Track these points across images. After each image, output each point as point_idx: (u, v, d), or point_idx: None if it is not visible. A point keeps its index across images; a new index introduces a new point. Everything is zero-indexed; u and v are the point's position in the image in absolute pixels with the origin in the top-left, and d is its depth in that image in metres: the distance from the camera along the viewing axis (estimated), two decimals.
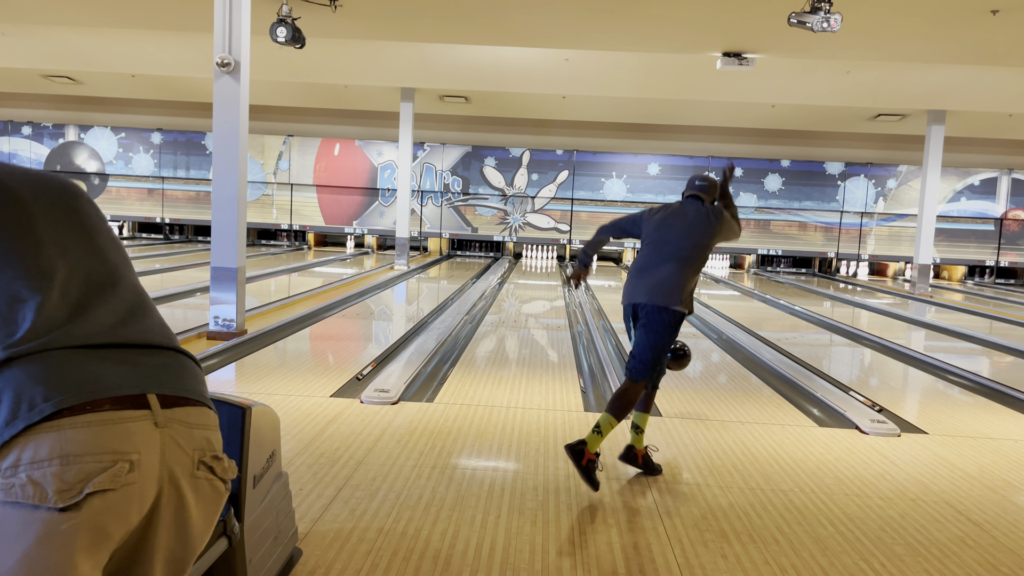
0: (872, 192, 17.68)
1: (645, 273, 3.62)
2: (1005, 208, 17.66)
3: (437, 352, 6.40)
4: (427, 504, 3.18)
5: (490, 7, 9.08)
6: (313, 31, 9.71)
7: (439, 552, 2.75)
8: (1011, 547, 3.05)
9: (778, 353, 7.03)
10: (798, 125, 16.85)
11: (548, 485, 3.47)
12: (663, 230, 3.66)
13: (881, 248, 17.89)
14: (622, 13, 8.95)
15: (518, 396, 5.08)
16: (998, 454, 4.32)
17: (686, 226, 3.62)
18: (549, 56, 11.58)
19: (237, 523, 2.02)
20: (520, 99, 15.39)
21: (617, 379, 5.58)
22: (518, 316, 9.32)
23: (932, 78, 11.81)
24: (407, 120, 14.67)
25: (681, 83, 12.88)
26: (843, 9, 7.70)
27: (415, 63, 12.60)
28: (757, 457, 4.03)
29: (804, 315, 10.36)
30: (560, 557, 2.77)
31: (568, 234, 17.96)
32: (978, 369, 7.01)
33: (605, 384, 5.60)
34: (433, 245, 18.74)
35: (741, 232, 3.79)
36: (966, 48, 9.72)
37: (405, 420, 4.38)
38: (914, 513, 3.36)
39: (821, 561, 2.83)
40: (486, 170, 17.91)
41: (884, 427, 4.63)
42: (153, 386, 1.27)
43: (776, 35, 9.29)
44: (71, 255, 1.32)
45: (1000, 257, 17.76)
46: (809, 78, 12.16)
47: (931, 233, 14.53)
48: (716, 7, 8.56)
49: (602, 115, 16.80)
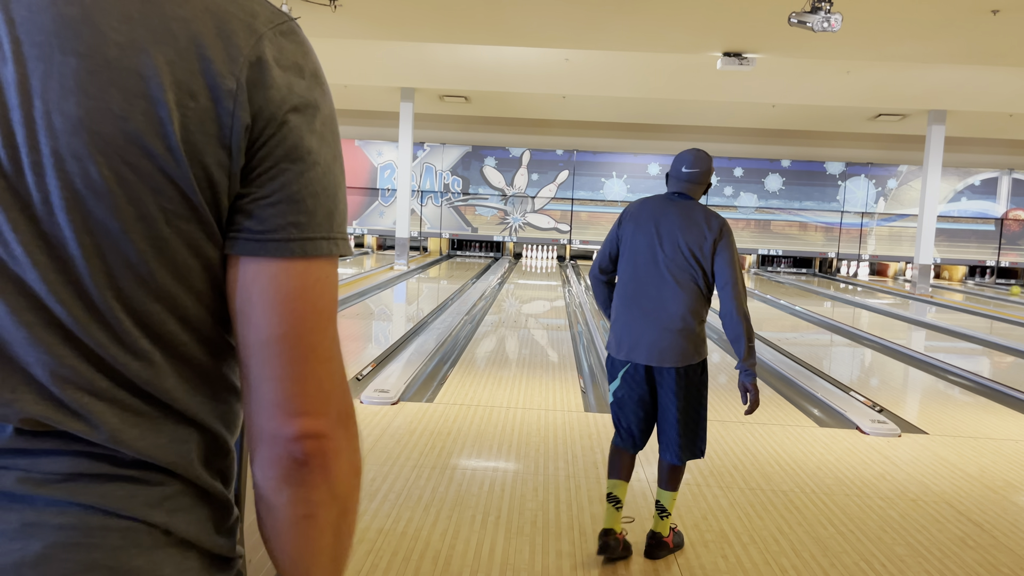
0: (872, 192, 17.68)
1: (637, 306, 2.80)
2: (1006, 208, 17.66)
3: (437, 352, 6.39)
4: (427, 504, 3.18)
5: (490, 7, 9.07)
6: (313, 31, 9.71)
7: (439, 552, 2.75)
8: (1011, 547, 3.05)
9: (778, 353, 7.03)
10: (798, 125, 16.85)
11: (548, 485, 3.47)
12: (637, 238, 2.83)
13: (881, 248, 17.89)
14: (622, 13, 8.94)
15: (518, 396, 5.08)
16: (998, 454, 4.32)
17: (678, 230, 2.77)
18: (549, 56, 11.58)
19: None
20: (520, 99, 15.38)
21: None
22: (518, 316, 9.32)
23: (932, 78, 11.80)
24: (407, 120, 14.67)
25: (681, 83, 12.88)
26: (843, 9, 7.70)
27: (415, 63, 12.60)
28: (757, 457, 4.03)
29: (804, 315, 10.36)
30: (560, 558, 2.76)
31: (568, 234, 17.95)
32: (978, 369, 7.00)
33: (605, 384, 5.59)
34: (433, 245, 18.74)
35: (742, 282, 2.80)
36: (966, 48, 9.72)
37: (405, 420, 4.37)
38: (914, 513, 3.36)
39: (822, 562, 2.82)
40: (486, 170, 17.91)
41: (884, 427, 4.62)
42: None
43: (776, 35, 9.28)
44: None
45: (1000, 257, 17.76)
46: (809, 78, 12.15)
47: (931, 233, 14.52)
48: (716, 7, 8.55)
49: (602, 115, 16.79)
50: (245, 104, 0.60)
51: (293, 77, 0.63)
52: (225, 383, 0.69)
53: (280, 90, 0.62)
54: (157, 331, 0.62)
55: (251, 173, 0.62)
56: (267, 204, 0.62)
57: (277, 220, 0.63)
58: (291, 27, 0.65)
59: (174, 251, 0.61)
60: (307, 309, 0.64)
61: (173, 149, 0.59)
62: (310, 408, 0.65)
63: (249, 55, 0.61)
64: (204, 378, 0.66)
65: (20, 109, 0.57)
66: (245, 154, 0.62)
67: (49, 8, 0.58)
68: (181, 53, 0.59)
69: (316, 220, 0.64)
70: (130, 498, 0.61)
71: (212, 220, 0.62)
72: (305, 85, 0.64)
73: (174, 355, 0.64)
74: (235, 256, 0.64)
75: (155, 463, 0.63)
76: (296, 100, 0.63)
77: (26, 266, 0.58)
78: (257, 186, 0.62)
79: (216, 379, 0.68)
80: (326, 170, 0.65)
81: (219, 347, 0.67)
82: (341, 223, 0.67)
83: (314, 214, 0.64)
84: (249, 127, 0.61)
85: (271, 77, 0.62)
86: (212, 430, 0.68)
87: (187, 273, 0.62)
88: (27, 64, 0.57)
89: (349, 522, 0.72)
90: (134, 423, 0.61)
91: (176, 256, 0.61)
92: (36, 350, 0.59)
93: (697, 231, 2.76)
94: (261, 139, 0.62)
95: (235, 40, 0.61)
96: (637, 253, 2.81)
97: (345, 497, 0.69)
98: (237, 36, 0.61)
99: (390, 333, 7.77)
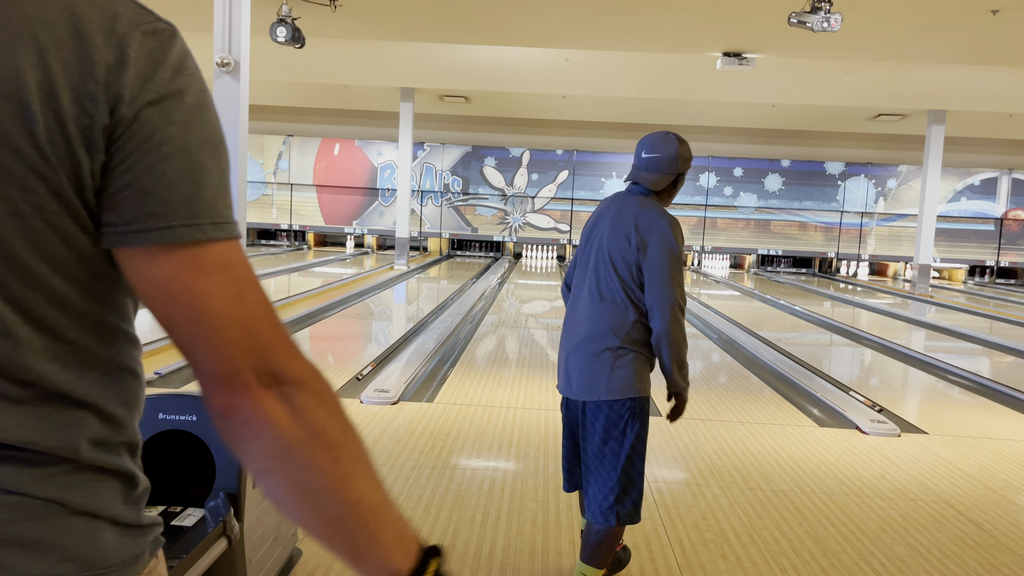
0: (872, 192, 17.69)
1: (566, 325, 2.39)
2: (1005, 208, 17.67)
3: (437, 352, 6.39)
4: (427, 504, 3.18)
5: (490, 7, 9.07)
6: (313, 31, 9.71)
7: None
8: (1011, 547, 3.05)
9: (778, 353, 7.03)
10: (798, 125, 16.85)
11: (548, 485, 3.47)
12: (584, 242, 2.43)
13: (881, 248, 17.90)
14: (622, 13, 8.94)
15: (518, 396, 5.08)
16: (998, 454, 4.32)
17: (606, 232, 2.31)
18: (549, 56, 11.58)
19: (237, 523, 2.02)
20: (520, 99, 15.38)
21: None
22: (518, 316, 9.32)
23: (932, 78, 11.81)
24: (407, 120, 14.67)
25: (681, 83, 12.88)
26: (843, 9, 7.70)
27: (415, 63, 12.60)
28: (757, 457, 4.03)
29: (804, 315, 10.36)
30: (560, 558, 2.76)
31: (568, 234, 17.95)
32: (978, 369, 7.00)
33: None
34: (433, 245, 18.74)
35: (676, 297, 2.19)
36: (966, 48, 9.72)
37: (405, 420, 4.37)
38: (914, 513, 3.36)
39: (821, 562, 2.83)
40: (486, 170, 17.91)
41: (884, 427, 4.62)
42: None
43: (776, 35, 9.28)
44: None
45: (1000, 257, 17.77)
46: (809, 78, 12.16)
47: (931, 233, 14.53)
48: (716, 7, 8.55)
49: (602, 115, 16.79)
50: (103, 103, 0.63)
51: (150, 72, 0.65)
52: (117, 363, 0.72)
53: (134, 88, 0.64)
54: (36, 317, 0.65)
55: (110, 169, 0.65)
56: (123, 197, 0.65)
57: (133, 212, 0.65)
58: (155, 27, 0.67)
59: (47, 243, 0.64)
60: (182, 292, 0.66)
61: (41, 148, 0.61)
62: (221, 381, 0.67)
63: (107, 57, 0.63)
64: (92, 361, 0.69)
65: None
66: (105, 152, 0.64)
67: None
68: (43, 55, 0.61)
69: (173, 208, 0.65)
70: (17, 475, 0.63)
71: (85, 214, 0.65)
72: (166, 78, 0.66)
73: (56, 339, 0.66)
74: (112, 249, 0.67)
75: (37, 449, 0.64)
76: (151, 95, 0.65)
77: None
78: (114, 180, 0.65)
79: (105, 361, 0.70)
80: (184, 157, 0.66)
81: (107, 330, 0.70)
82: (208, 208, 0.67)
83: (170, 203, 0.65)
84: (107, 126, 0.63)
85: (126, 76, 0.64)
86: (106, 411, 0.69)
87: (63, 263, 0.65)
88: None
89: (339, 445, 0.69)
90: (11, 412, 0.63)
91: (50, 247, 0.64)
92: None
93: (623, 231, 2.24)
94: (116, 135, 0.64)
95: (94, 41, 0.63)
96: (575, 263, 2.44)
97: (305, 438, 0.68)
98: (95, 37, 0.63)
99: (390, 333, 7.77)
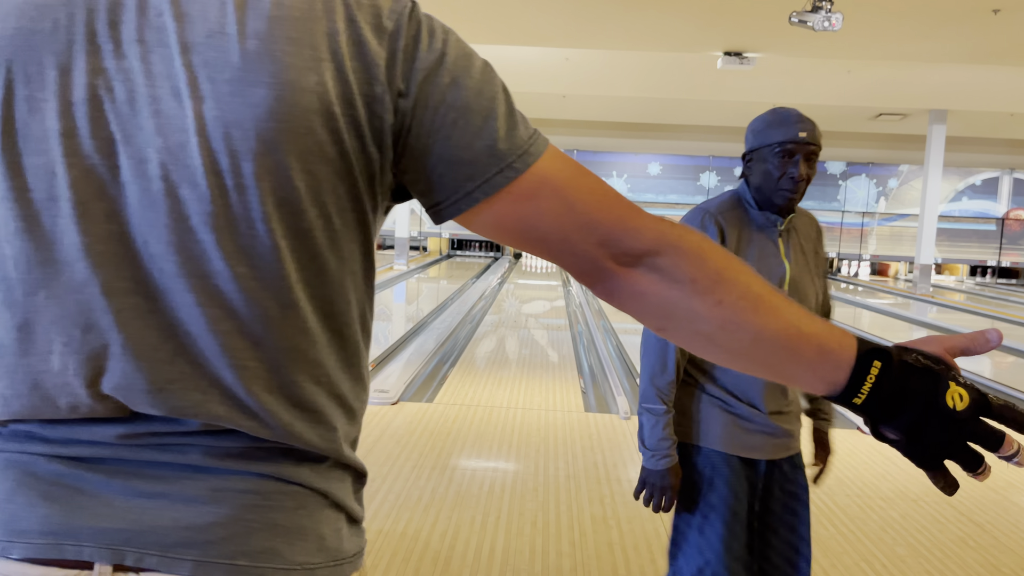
0: (873, 192, 17.68)
1: None
2: (1007, 208, 17.66)
3: (437, 352, 6.39)
4: (427, 505, 3.17)
5: (491, 7, 9.07)
6: None
7: (439, 553, 2.75)
8: (1012, 548, 3.04)
9: None
10: None
11: (548, 486, 3.46)
12: None
13: (882, 248, 17.89)
14: (623, 12, 8.93)
15: (518, 396, 5.07)
16: None
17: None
18: (549, 55, 11.57)
19: None
20: (520, 98, 15.04)
21: (618, 379, 5.57)
22: (518, 316, 9.32)
23: (933, 78, 11.79)
24: None
25: (681, 83, 12.87)
26: (844, 8, 7.69)
27: None
28: None
29: None
30: (560, 558, 2.76)
31: None
32: (978, 369, 6.99)
33: (605, 384, 5.59)
34: (433, 245, 18.74)
35: None
36: (967, 48, 9.71)
37: (404, 420, 4.37)
38: (915, 513, 3.35)
39: (822, 562, 2.82)
40: None
41: None
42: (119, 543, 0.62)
43: (777, 34, 9.27)
44: None
45: (1001, 257, 17.76)
46: (810, 77, 12.14)
47: (932, 233, 14.52)
48: (716, 6, 8.54)
49: (603, 114, 16.79)
50: (388, 103, 0.66)
51: (414, 53, 0.67)
52: (362, 359, 0.74)
53: (407, 77, 0.67)
54: (328, 313, 0.68)
55: (416, 156, 0.68)
56: (438, 176, 0.68)
57: (452, 186, 0.68)
58: (406, 9, 0.69)
59: (343, 245, 0.68)
60: (516, 224, 0.71)
61: (346, 155, 0.65)
62: (589, 276, 0.73)
63: (383, 55, 0.66)
64: (354, 358, 0.72)
65: (223, 141, 0.61)
66: (393, 148, 0.68)
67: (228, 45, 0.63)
68: (340, 65, 0.64)
69: (481, 164, 0.68)
70: (297, 468, 0.68)
71: (371, 217, 0.70)
72: (426, 53, 0.68)
73: (342, 338, 0.70)
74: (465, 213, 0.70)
75: (312, 446, 0.68)
76: (420, 75, 0.67)
77: (227, 278, 0.63)
78: (419, 167, 0.69)
79: (362, 357, 0.74)
80: (468, 114, 0.68)
81: (367, 327, 0.74)
82: (509, 147, 0.69)
83: (475, 162, 0.68)
84: (393, 124, 0.67)
85: (399, 70, 0.67)
86: (352, 407, 0.73)
87: (352, 262, 0.69)
88: (216, 98, 0.62)
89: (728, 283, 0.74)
90: (300, 416, 0.67)
91: (344, 250, 0.68)
92: (226, 356, 0.64)
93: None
94: (404, 129, 0.67)
95: (371, 43, 0.65)
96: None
97: (680, 295, 0.72)
98: (371, 39, 0.66)
99: (390, 333, 7.76)
